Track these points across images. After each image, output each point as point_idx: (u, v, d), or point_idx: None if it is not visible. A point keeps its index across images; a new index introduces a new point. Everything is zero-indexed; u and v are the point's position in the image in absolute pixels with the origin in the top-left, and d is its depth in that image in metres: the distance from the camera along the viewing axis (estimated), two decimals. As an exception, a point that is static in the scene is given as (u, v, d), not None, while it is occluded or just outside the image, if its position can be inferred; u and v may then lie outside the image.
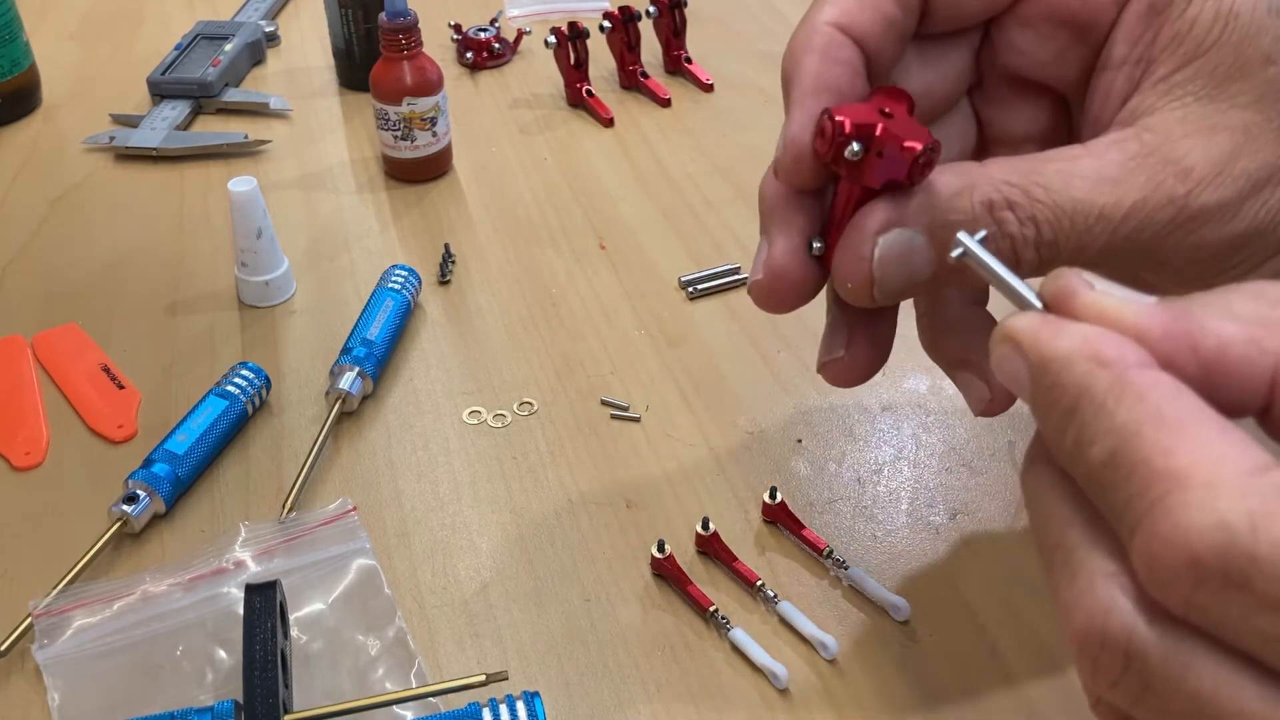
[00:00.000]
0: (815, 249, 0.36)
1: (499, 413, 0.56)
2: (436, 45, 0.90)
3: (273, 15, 0.97)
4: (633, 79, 0.85)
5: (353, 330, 0.59)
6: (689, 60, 0.86)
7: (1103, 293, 0.26)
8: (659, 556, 0.47)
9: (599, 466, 0.53)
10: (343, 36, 0.84)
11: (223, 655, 0.45)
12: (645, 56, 0.85)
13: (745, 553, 0.49)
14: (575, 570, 0.48)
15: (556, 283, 0.65)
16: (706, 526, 0.48)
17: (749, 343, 0.60)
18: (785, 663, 0.43)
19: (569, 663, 0.45)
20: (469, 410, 0.57)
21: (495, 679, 0.41)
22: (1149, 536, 0.22)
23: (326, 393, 0.57)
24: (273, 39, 0.93)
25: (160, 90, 0.83)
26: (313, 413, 0.57)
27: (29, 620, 0.45)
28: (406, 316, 0.61)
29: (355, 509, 0.50)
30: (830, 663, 0.44)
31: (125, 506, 0.49)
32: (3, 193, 0.75)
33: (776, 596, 0.46)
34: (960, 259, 0.29)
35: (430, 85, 0.71)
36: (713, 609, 0.46)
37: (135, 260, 0.68)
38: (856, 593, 0.47)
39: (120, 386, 0.58)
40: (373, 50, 0.78)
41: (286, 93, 0.85)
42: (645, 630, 0.46)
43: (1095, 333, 0.25)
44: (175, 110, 0.81)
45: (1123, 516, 0.23)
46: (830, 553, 0.48)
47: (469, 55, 0.89)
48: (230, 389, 0.55)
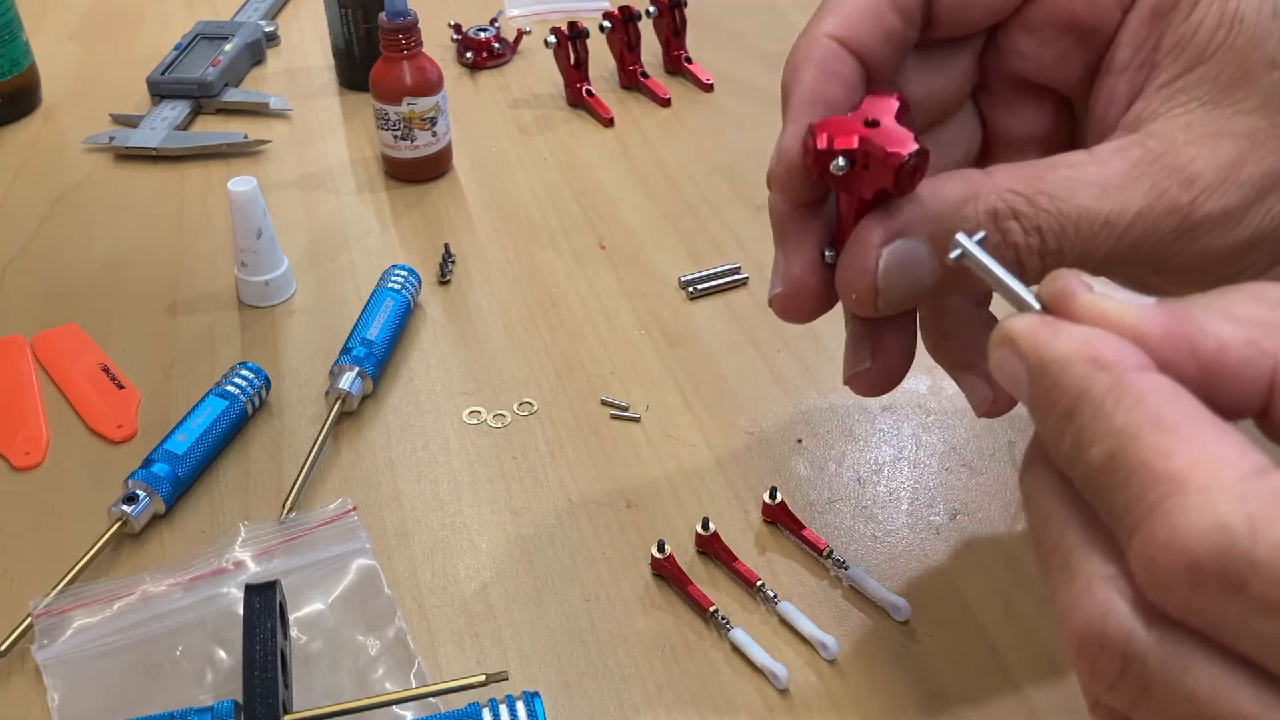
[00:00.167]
0: (828, 257, 0.36)
1: (499, 413, 0.56)
2: (436, 45, 0.90)
3: (273, 15, 0.97)
4: (633, 79, 0.85)
5: (352, 330, 0.59)
6: (689, 60, 0.86)
7: (1101, 294, 0.26)
8: (659, 556, 0.47)
9: (599, 466, 0.53)
10: (343, 36, 0.84)
11: (223, 655, 0.45)
12: (645, 56, 0.85)
13: (745, 553, 0.49)
14: (575, 570, 0.48)
15: (556, 283, 0.65)
16: (706, 526, 0.48)
17: (749, 343, 0.60)
18: (785, 663, 0.43)
19: (569, 663, 0.45)
20: (469, 410, 0.57)
21: (495, 679, 0.41)
22: (1147, 540, 0.22)
23: (326, 393, 0.57)
24: (273, 39, 0.93)
25: (160, 90, 0.83)
26: (313, 413, 0.57)
27: (29, 620, 0.45)
28: (406, 316, 0.61)
29: (355, 509, 0.50)
30: (830, 663, 0.44)
31: (125, 506, 0.49)
32: (3, 193, 0.75)
33: (776, 596, 0.46)
34: (959, 261, 0.29)
35: (430, 85, 0.71)
36: (713, 609, 0.46)
37: (135, 260, 0.68)
38: (856, 593, 0.47)
39: (120, 386, 0.58)
40: (373, 50, 0.78)
41: (286, 93, 0.85)
42: (645, 630, 0.46)
43: (1094, 335, 0.25)
44: (175, 110, 0.81)
45: (1121, 519, 0.23)
46: (830, 553, 0.48)
47: (469, 55, 0.88)
48: (230, 389, 0.55)
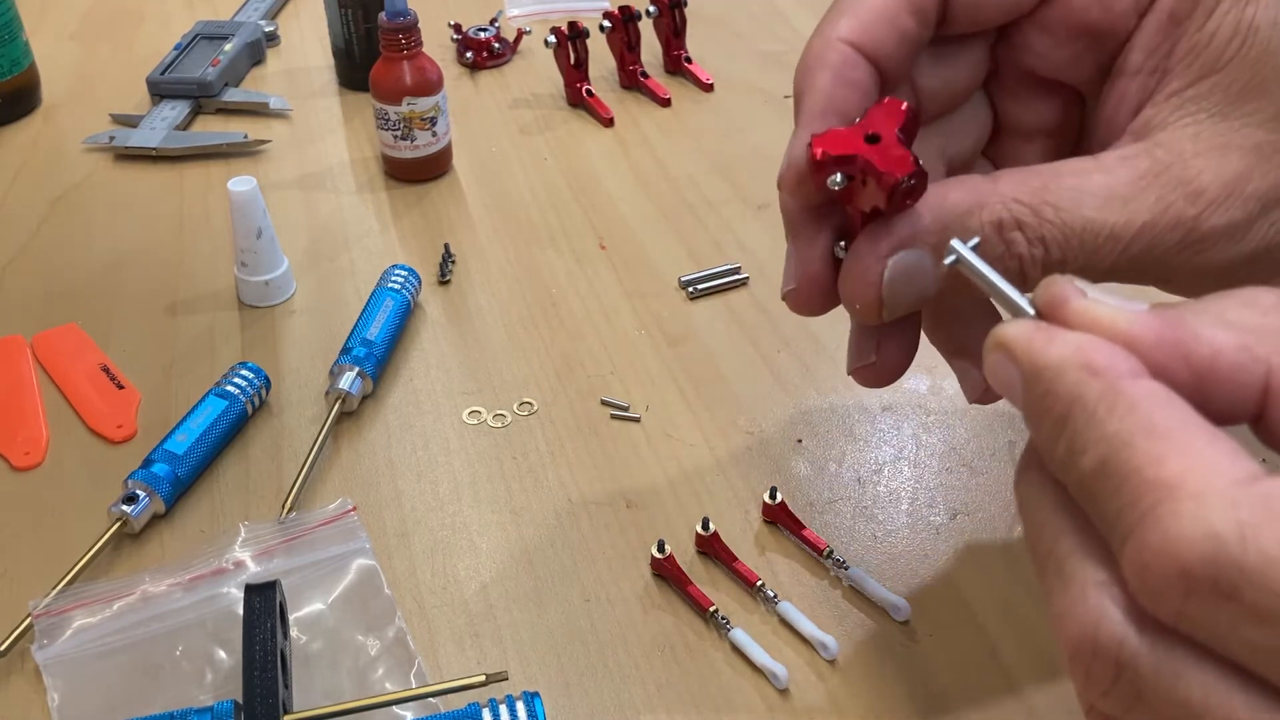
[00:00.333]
0: (839, 251, 0.36)
1: (499, 413, 0.56)
2: (436, 45, 0.90)
3: (272, 15, 0.97)
4: (633, 79, 0.85)
5: (352, 330, 0.59)
6: (689, 60, 0.86)
7: (1095, 300, 0.26)
8: (659, 556, 0.47)
9: (599, 466, 0.53)
10: (342, 36, 0.84)
11: (222, 655, 0.45)
12: (645, 56, 0.85)
13: (745, 553, 0.49)
14: (575, 570, 0.48)
15: (556, 283, 0.65)
16: (706, 526, 0.48)
17: (749, 343, 0.60)
18: (785, 663, 0.43)
19: (569, 663, 0.45)
20: (469, 410, 0.57)
21: (495, 679, 0.41)
22: (1139, 546, 0.22)
23: (326, 393, 0.57)
24: (272, 39, 0.93)
25: (160, 90, 0.83)
26: (313, 413, 0.57)
27: (29, 620, 0.45)
28: (406, 316, 0.61)
29: (355, 509, 0.50)
30: (830, 663, 0.44)
31: (125, 506, 0.49)
32: (3, 193, 0.75)
33: (776, 596, 0.46)
34: (953, 266, 0.29)
35: (430, 85, 0.71)
36: (713, 609, 0.46)
37: (135, 260, 0.68)
38: (856, 593, 0.47)
39: (120, 386, 0.58)
40: (373, 50, 0.78)
41: (286, 92, 0.85)
42: (645, 630, 0.46)
43: (1087, 341, 0.25)
44: (175, 110, 0.81)
45: (1114, 526, 0.23)
46: (830, 553, 0.48)
47: (469, 55, 0.88)
48: (230, 389, 0.55)
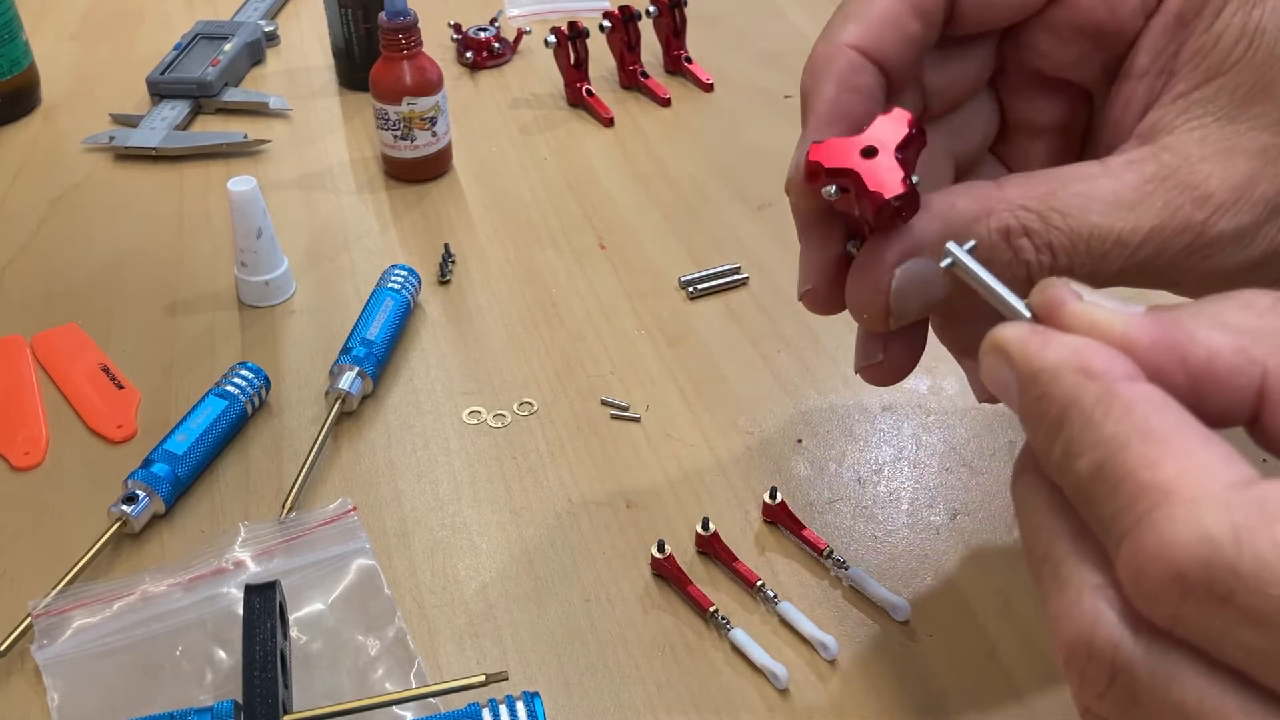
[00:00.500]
0: (852, 249, 0.36)
1: (499, 413, 0.56)
2: (436, 45, 0.90)
3: (272, 15, 0.97)
4: (633, 79, 0.85)
5: (352, 330, 0.59)
6: (689, 60, 0.86)
7: (1091, 303, 0.26)
8: (659, 556, 0.47)
9: (599, 466, 0.53)
10: (342, 36, 0.84)
11: (222, 655, 0.45)
12: (645, 56, 0.85)
13: (745, 553, 0.49)
14: (575, 570, 0.48)
15: (556, 283, 0.65)
16: (706, 526, 0.48)
17: (749, 343, 0.60)
18: (785, 663, 0.43)
19: (569, 663, 0.45)
20: (469, 410, 0.57)
21: (495, 679, 0.41)
22: (1134, 550, 0.22)
23: (326, 393, 0.57)
24: (272, 39, 0.93)
25: (160, 90, 0.83)
26: (312, 413, 0.57)
27: (29, 620, 0.45)
28: (406, 316, 0.61)
29: (355, 509, 0.50)
30: (830, 663, 0.44)
31: (125, 506, 0.49)
32: (3, 193, 0.75)
33: (776, 596, 0.46)
34: (949, 269, 0.29)
35: (430, 85, 0.71)
36: (713, 609, 0.46)
37: (135, 260, 0.68)
38: (856, 593, 0.47)
39: (120, 386, 0.58)
40: (373, 50, 0.78)
41: (286, 92, 0.85)
42: (645, 630, 0.46)
43: (1083, 344, 0.25)
44: (175, 110, 0.81)
45: (1109, 529, 0.23)
46: (830, 553, 0.48)
47: (469, 55, 0.88)
48: (230, 389, 0.55)
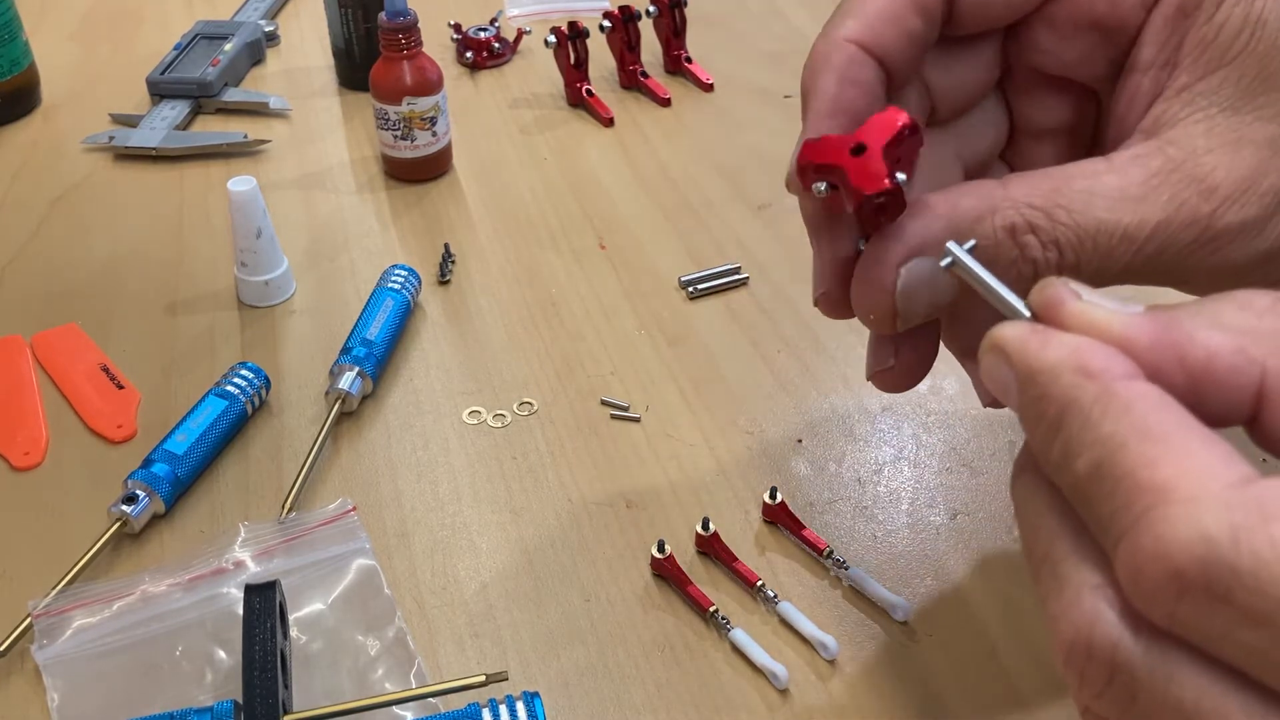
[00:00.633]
0: (863, 246, 0.36)
1: (499, 413, 0.56)
2: (436, 45, 0.90)
3: (272, 15, 0.97)
4: (633, 79, 0.85)
5: (352, 330, 0.59)
6: (689, 60, 0.86)
7: (1090, 303, 0.26)
8: (659, 556, 0.47)
9: (599, 466, 0.53)
10: (342, 36, 0.84)
11: (222, 655, 0.45)
12: (645, 56, 0.85)
13: (745, 553, 0.49)
14: (575, 570, 0.48)
15: (556, 283, 0.65)
16: (706, 526, 0.48)
17: (749, 343, 0.60)
18: (785, 663, 0.43)
19: (569, 663, 0.44)
20: (469, 410, 0.57)
21: (495, 679, 0.41)
22: (1132, 549, 0.22)
23: (326, 393, 0.57)
24: (272, 39, 0.93)
25: (160, 90, 0.83)
26: (312, 413, 0.57)
27: (28, 620, 0.45)
28: (406, 316, 0.61)
29: (355, 509, 0.50)
30: (830, 663, 0.44)
31: (125, 506, 0.49)
32: (3, 193, 0.75)
33: (776, 597, 0.46)
34: (949, 269, 0.29)
35: (430, 85, 0.71)
36: (713, 609, 0.46)
37: (135, 260, 0.68)
38: (856, 593, 0.47)
39: (120, 386, 0.58)
40: (373, 50, 0.78)
41: (286, 92, 0.85)
42: (645, 630, 0.46)
43: (1082, 343, 0.25)
44: (175, 110, 0.81)
45: (1108, 529, 0.23)
46: (830, 553, 0.48)
47: (469, 55, 0.88)
48: (230, 389, 0.55)
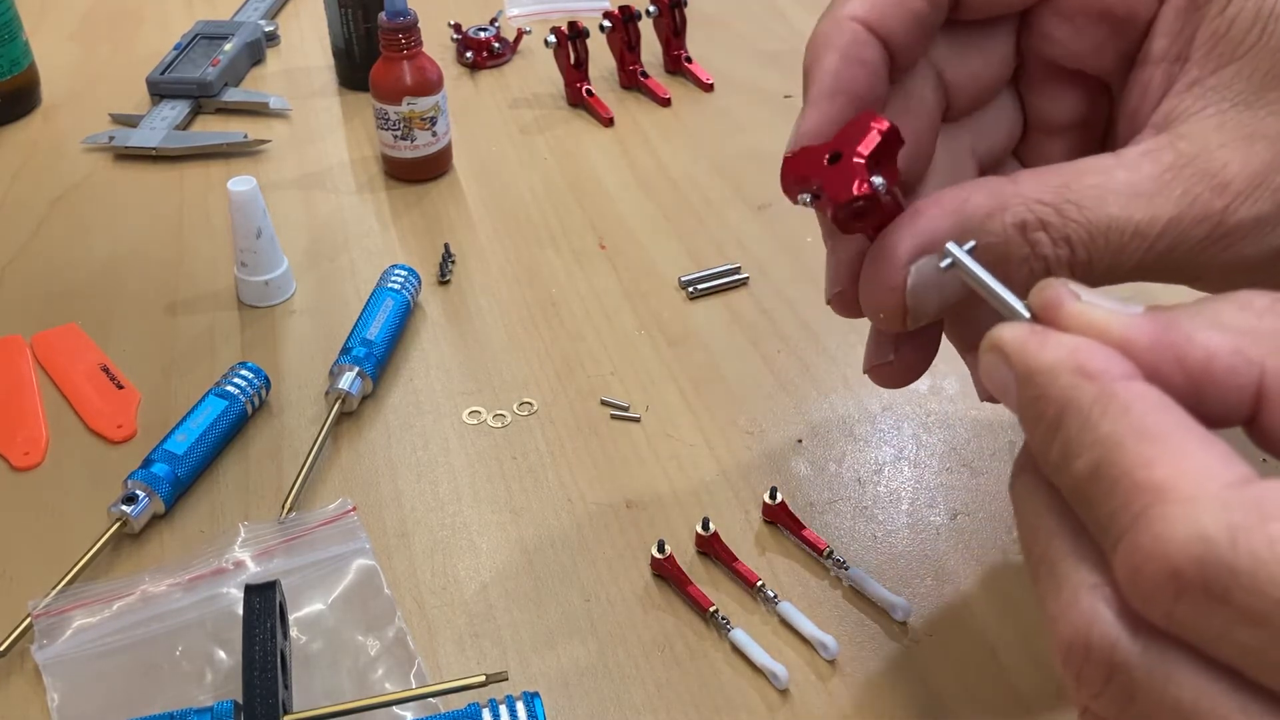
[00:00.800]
0: None
1: (499, 413, 0.56)
2: (436, 45, 0.90)
3: (272, 15, 0.97)
4: (633, 79, 0.85)
5: (352, 330, 0.59)
6: (689, 60, 0.86)
7: (1090, 303, 0.26)
8: (659, 556, 0.47)
9: (599, 466, 0.53)
10: (342, 36, 0.84)
11: (222, 655, 0.45)
12: (645, 56, 0.85)
13: (745, 553, 0.49)
14: (575, 570, 0.48)
15: (556, 283, 0.65)
16: (706, 527, 0.48)
17: (749, 343, 0.60)
18: (785, 663, 0.43)
19: (569, 663, 0.44)
20: (469, 410, 0.57)
21: (495, 679, 0.41)
22: (1130, 549, 0.22)
23: (326, 393, 0.57)
24: (272, 39, 0.93)
25: (160, 90, 0.83)
26: (312, 413, 0.57)
27: (28, 620, 0.45)
28: (406, 316, 0.61)
29: (355, 509, 0.50)
30: (830, 663, 0.44)
31: (125, 507, 0.49)
32: (2, 193, 0.75)
33: (776, 597, 0.46)
34: (949, 269, 0.29)
35: (430, 85, 0.71)
36: (713, 609, 0.46)
37: (135, 260, 0.68)
38: (856, 593, 0.47)
39: (120, 386, 0.58)
40: (373, 50, 0.78)
41: (286, 92, 0.85)
42: (645, 630, 0.46)
43: (1081, 344, 0.25)
44: (175, 110, 0.81)
45: (1106, 529, 0.23)
46: (830, 553, 0.48)
47: (469, 55, 0.88)
48: (230, 389, 0.55)
